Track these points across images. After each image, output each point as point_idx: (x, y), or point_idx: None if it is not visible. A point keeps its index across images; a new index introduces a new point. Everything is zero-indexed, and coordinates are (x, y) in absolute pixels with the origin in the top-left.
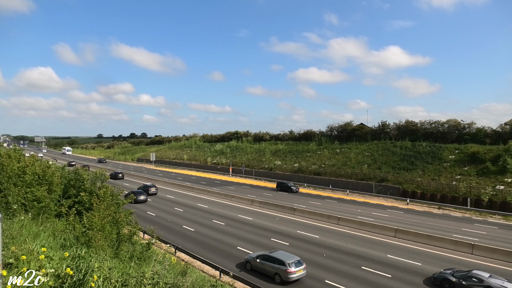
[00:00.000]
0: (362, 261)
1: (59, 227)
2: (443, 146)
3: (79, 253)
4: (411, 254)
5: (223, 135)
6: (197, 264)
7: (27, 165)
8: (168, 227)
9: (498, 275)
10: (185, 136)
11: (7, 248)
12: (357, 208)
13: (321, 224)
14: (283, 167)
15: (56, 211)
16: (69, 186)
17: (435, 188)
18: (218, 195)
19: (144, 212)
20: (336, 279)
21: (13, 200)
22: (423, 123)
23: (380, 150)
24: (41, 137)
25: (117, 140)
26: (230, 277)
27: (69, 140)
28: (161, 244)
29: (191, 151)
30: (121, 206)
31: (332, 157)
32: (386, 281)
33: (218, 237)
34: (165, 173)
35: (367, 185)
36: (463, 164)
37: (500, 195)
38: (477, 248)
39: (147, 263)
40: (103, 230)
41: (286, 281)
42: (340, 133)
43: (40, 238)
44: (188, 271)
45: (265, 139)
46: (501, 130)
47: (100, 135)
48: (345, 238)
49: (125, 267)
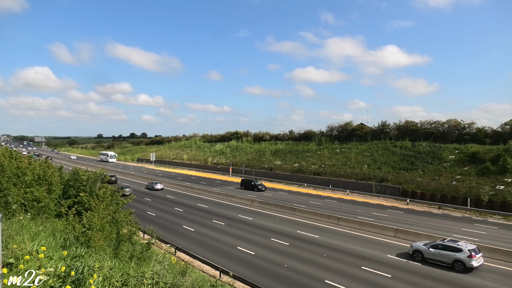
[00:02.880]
0: (362, 261)
1: (59, 227)
2: (443, 146)
3: (79, 253)
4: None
5: (223, 135)
6: (197, 264)
7: (27, 166)
8: (168, 227)
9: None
10: (185, 136)
11: (7, 248)
12: (357, 208)
13: (321, 224)
14: (283, 167)
15: (56, 211)
16: (68, 186)
17: (435, 188)
18: (218, 195)
19: (144, 212)
20: (336, 279)
21: (13, 200)
22: (423, 123)
23: (380, 150)
24: (41, 137)
25: (117, 140)
26: (230, 277)
27: (69, 140)
28: (161, 244)
29: (191, 151)
30: (120, 206)
31: (332, 157)
32: (386, 281)
33: (218, 237)
34: (165, 173)
35: (367, 185)
36: (463, 164)
37: (500, 195)
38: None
39: (147, 263)
40: (103, 230)
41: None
42: (340, 133)
43: (40, 237)
44: (188, 271)
45: (265, 139)
46: (501, 130)
47: (100, 135)
48: (345, 238)
49: (125, 267)
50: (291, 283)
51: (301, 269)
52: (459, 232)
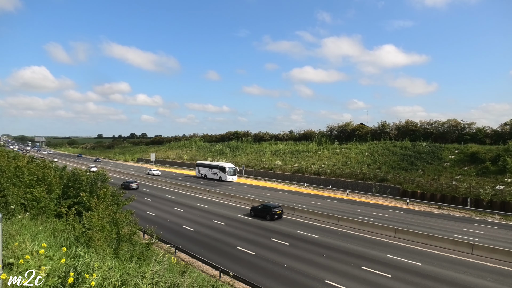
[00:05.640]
0: (362, 261)
1: (59, 227)
2: (443, 146)
3: (79, 253)
4: (411, 254)
5: (223, 135)
6: (197, 264)
7: (25, 165)
8: (168, 227)
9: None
10: (185, 136)
11: (7, 247)
12: (357, 208)
13: (321, 224)
14: (283, 167)
15: (56, 211)
16: (68, 186)
17: (435, 188)
18: (218, 195)
19: (144, 212)
20: (336, 279)
21: (12, 200)
22: (423, 123)
23: (380, 150)
24: (41, 137)
25: (117, 140)
26: (230, 277)
27: (69, 140)
28: (161, 244)
29: (191, 151)
30: (121, 206)
31: (332, 157)
32: (386, 281)
33: (218, 237)
34: (165, 173)
35: (367, 185)
36: (463, 164)
37: (500, 195)
38: (477, 248)
39: (147, 263)
40: (103, 230)
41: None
42: (340, 133)
43: (39, 237)
44: (188, 271)
45: (265, 139)
46: (501, 130)
47: (100, 135)
48: (345, 238)
49: (125, 267)
50: (291, 283)
51: (301, 269)
52: (459, 232)
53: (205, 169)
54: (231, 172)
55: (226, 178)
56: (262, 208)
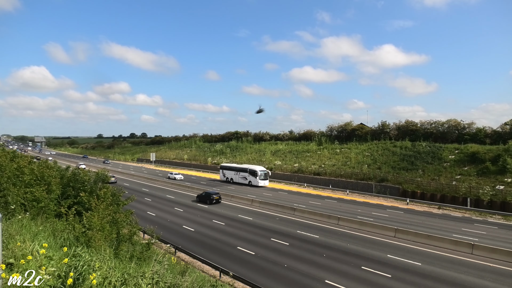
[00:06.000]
0: (362, 261)
1: (59, 227)
2: (443, 146)
3: (79, 253)
4: (411, 254)
5: (223, 135)
6: (197, 264)
7: (25, 165)
8: (168, 227)
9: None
10: (185, 136)
11: (7, 248)
12: (357, 208)
13: (321, 224)
14: (283, 167)
15: (56, 211)
16: (68, 186)
17: (435, 188)
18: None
19: (144, 212)
20: (336, 279)
21: (12, 200)
22: (423, 123)
23: (380, 150)
24: (41, 137)
25: (117, 140)
26: (230, 277)
27: (69, 140)
28: (161, 244)
29: (191, 151)
30: (121, 206)
31: (332, 157)
32: (386, 281)
33: (218, 237)
34: (165, 173)
35: (367, 185)
36: (463, 164)
37: (500, 195)
38: (477, 248)
39: (147, 263)
40: (103, 230)
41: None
42: (340, 133)
43: (40, 237)
44: (188, 271)
45: (265, 139)
46: (501, 130)
47: (100, 135)
48: (345, 238)
49: (125, 267)
50: (291, 283)
51: (301, 269)
52: (459, 232)
53: (231, 172)
54: (262, 176)
55: (258, 182)
56: (204, 195)
